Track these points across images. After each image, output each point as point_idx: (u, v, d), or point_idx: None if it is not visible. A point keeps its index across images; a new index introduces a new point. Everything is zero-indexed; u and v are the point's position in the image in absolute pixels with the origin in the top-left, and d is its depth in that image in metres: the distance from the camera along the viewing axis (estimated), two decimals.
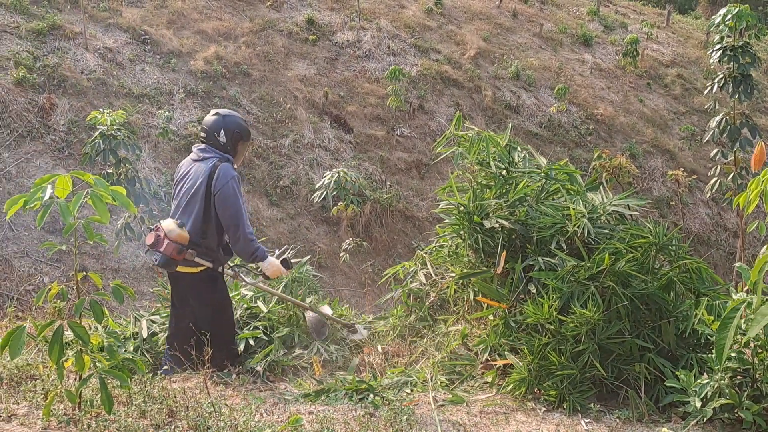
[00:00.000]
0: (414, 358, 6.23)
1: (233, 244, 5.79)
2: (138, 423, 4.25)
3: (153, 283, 11.20)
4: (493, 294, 5.87)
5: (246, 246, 5.73)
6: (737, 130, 11.80)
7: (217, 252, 5.79)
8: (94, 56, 15.49)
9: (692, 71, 23.17)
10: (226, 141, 5.84)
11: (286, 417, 4.68)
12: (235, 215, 5.65)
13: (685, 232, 16.70)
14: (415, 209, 15.83)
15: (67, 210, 3.84)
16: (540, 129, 18.93)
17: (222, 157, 5.79)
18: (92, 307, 4.17)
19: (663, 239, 5.63)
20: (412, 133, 17.47)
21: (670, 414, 5.03)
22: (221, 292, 5.93)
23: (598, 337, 5.20)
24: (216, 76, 16.47)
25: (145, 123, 14.61)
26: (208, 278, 5.79)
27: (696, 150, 19.90)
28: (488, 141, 6.52)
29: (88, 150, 9.51)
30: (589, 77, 21.49)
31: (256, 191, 14.73)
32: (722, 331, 2.54)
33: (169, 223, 5.63)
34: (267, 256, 5.88)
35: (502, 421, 4.85)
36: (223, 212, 5.64)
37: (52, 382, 4.74)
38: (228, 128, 5.85)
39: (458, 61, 19.93)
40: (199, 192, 5.68)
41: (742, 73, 11.78)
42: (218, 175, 5.65)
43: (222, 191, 5.62)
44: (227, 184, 5.63)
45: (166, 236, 5.54)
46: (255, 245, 5.77)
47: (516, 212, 6.12)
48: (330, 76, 18.10)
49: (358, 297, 13.07)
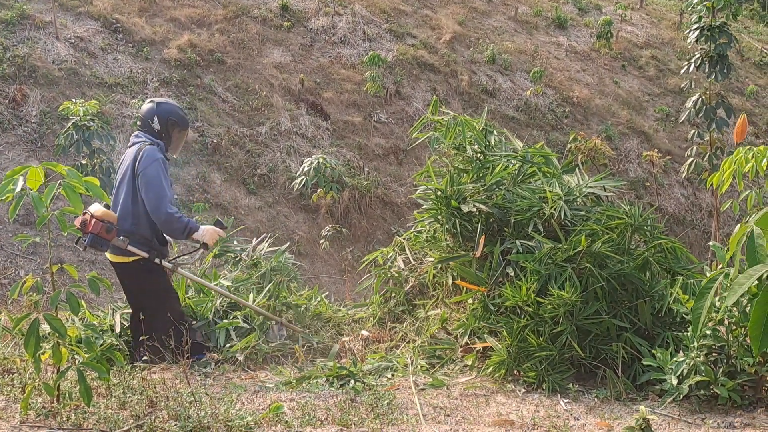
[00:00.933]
0: (394, 344, 6.25)
1: (160, 226, 5.72)
2: (118, 414, 4.24)
3: None
4: (471, 278, 5.90)
5: (172, 223, 5.66)
6: (713, 110, 11.87)
7: (151, 241, 5.74)
8: (65, 46, 15.33)
9: (666, 52, 23.27)
10: (160, 128, 5.85)
11: (267, 405, 4.68)
12: (156, 196, 5.59)
13: (660, 212, 16.82)
14: (394, 195, 15.83)
15: (40, 202, 3.81)
16: (516, 113, 18.96)
17: (152, 141, 5.78)
18: (68, 300, 4.14)
19: (639, 220, 5.68)
20: (389, 118, 17.45)
21: (647, 392, 5.08)
22: (159, 283, 5.83)
23: (575, 318, 5.24)
24: (190, 64, 16.35)
25: (119, 113, 14.49)
26: (142, 269, 5.73)
27: (671, 131, 20.01)
28: (465, 125, 6.52)
29: (61, 141, 9.41)
30: (565, 60, 21.54)
31: (233, 180, 14.67)
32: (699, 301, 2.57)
33: (95, 205, 5.58)
34: (199, 227, 5.82)
35: (482, 403, 4.88)
36: (146, 193, 5.60)
37: (29, 375, 4.72)
38: (161, 116, 5.87)
39: (434, 46, 19.91)
40: (126, 175, 5.70)
41: (718, 53, 11.84)
42: (142, 157, 5.65)
43: (144, 172, 5.60)
44: (150, 165, 5.61)
45: (92, 216, 5.47)
46: (183, 220, 5.70)
47: (493, 196, 6.14)
48: (305, 62, 18.02)
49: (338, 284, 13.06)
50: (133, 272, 5.76)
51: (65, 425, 4.12)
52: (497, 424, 4.42)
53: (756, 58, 24.11)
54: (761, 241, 2.32)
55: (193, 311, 6.42)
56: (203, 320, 6.34)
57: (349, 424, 4.31)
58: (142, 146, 5.72)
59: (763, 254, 2.29)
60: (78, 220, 5.49)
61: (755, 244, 2.32)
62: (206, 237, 5.87)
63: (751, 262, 2.30)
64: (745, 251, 2.34)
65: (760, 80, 23.05)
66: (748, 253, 2.33)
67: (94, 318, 6.33)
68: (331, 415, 4.47)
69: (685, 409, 4.68)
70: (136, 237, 5.66)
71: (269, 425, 4.24)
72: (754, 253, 2.30)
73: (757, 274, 2.26)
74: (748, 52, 24.23)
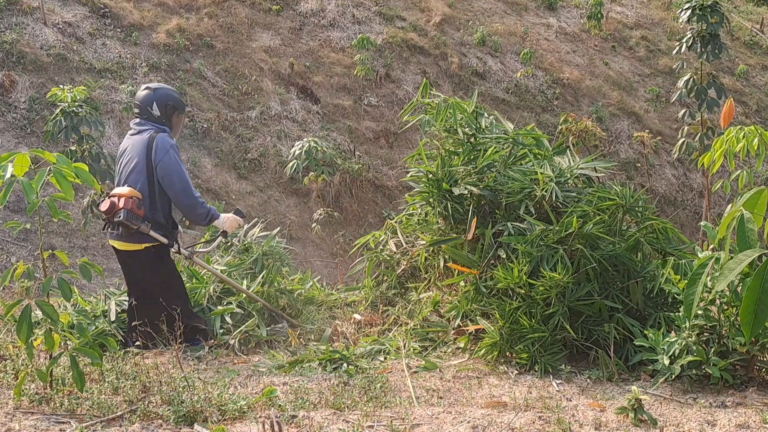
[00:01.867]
0: (386, 327, 6.26)
1: (184, 211, 5.79)
2: (111, 400, 4.24)
3: None
4: (463, 260, 5.90)
5: (197, 208, 5.74)
6: (704, 90, 11.87)
7: (167, 227, 5.75)
8: (53, 31, 15.22)
9: (656, 33, 23.24)
10: (160, 114, 5.83)
11: (260, 389, 4.68)
12: (180, 184, 5.64)
13: (651, 193, 16.85)
14: (385, 178, 15.81)
15: (30, 188, 3.79)
16: (507, 95, 18.93)
17: (158, 128, 5.77)
18: (60, 286, 4.13)
19: (630, 201, 5.68)
20: (380, 102, 17.41)
21: (639, 372, 5.10)
22: (168, 270, 5.86)
23: (567, 300, 5.25)
24: (179, 48, 16.26)
25: (109, 98, 14.42)
26: (154, 256, 5.72)
27: (661, 111, 20.02)
28: (455, 108, 6.51)
29: (49, 128, 9.36)
30: (555, 41, 21.50)
31: (224, 164, 14.63)
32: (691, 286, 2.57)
33: (118, 188, 5.61)
34: (220, 215, 5.91)
35: (475, 385, 4.89)
36: (169, 183, 5.62)
37: (22, 361, 4.71)
38: (160, 101, 5.84)
39: (424, 28, 19.84)
40: (139, 165, 5.67)
41: (710, 32, 11.82)
42: (156, 146, 5.64)
43: (163, 161, 5.61)
44: (167, 154, 5.62)
45: (119, 195, 5.48)
46: (206, 206, 5.80)
47: (484, 178, 6.14)
48: (295, 46, 17.95)
49: (330, 268, 13.07)
50: (144, 259, 5.74)
51: (58, 411, 4.12)
52: (490, 405, 4.43)
53: (746, 38, 24.11)
54: (751, 225, 2.31)
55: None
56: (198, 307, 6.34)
57: (343, 407, 4.32)
58: (153, 134, 5.71)
59: (753, 238, 2.29)
60: (104, 203, 5.49)
61: (745, 228, 2.31)
62: (226, 225, 5.95)
63: (742, 246, 2.30)
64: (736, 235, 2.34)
65: (750, 60, 23.05)
66: (738, 238, 2.33)
67: (86, 304, 6.31)
68: (325, 399, 4.48)
69: (677, 389, 4.70)
70: (154, 223, 5.66)
71: (262, 409, 4.25)
72: (744, 238, 2.30)
73: (748, 259, 2.26)
74: (738, 32, 24.23)
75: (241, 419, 4.05)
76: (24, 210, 11.70)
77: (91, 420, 3.98)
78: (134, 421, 3.95)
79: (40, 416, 4.01)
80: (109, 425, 3.94)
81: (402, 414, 4.20)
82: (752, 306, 2.22)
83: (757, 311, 2.22)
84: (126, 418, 4.02)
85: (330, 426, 3.94)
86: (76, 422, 3.93)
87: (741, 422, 4.05)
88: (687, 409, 4.32)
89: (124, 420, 4.01)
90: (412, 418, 4.15)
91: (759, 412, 4.22)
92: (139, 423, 3.93)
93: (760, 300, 2.21)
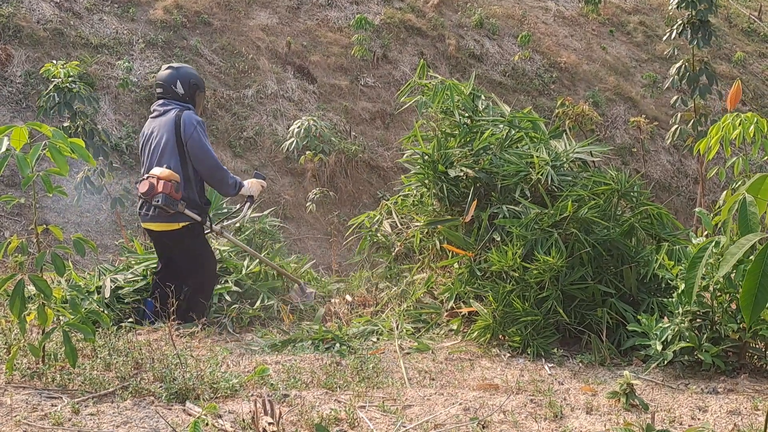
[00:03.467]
0: (380, 307, 6.26)
1: (215, 185, 5.90)
2: (103, 376, 4.25)
3: (116, 236, 11.10)
4: (459, 242, 5.90)
5: (227, 180, 5.86)
6: (696, 77, 11.85)
7: (201, 204, 5.83)
8: (50, 5, 15.11)
9: (654, 18, 23.17)
10: (184, 92, 5.90)
11: (252, 367, 4.69)
12: (210, 159, 5.75)
13: (646, 178, 16.85)
14: (380, 159, 15.78)
15: (25, 162, 3.78)
16: (504, 77, 18.88)
17: (183, 106, 5.79)
18: (53, 261, 4.12)
19: (625, 186, 5.69)
20: (376, 82, 17.34)
21: (631, 357, 5.12)
22: (203, 246, 5.96)
23: (561, 284, 5.26)
24: (176, 25, 16.16)
25: (105, 74, 14.33)
26: (190, 233, 5.78)
27: (658, 97, 19.98)
28: (452, 90, 6.49)
29: (42, 103, 9.29)
30: (553, 25, 21.42)
31: (219, 142, 14.58)
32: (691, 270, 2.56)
33: (156, 169, 5.63)
34: (244, 183, 6.07)
35: (467, 367, 4.90)
36: (200, 159, 5.71)
37: (14, 336, 4.70)
38: (183, 79, 5.91)
39: (422, 10, 19.74)
40: (169, 144, 5.70)
41: (700, 19, 11.80)
42: (184, 124, 5.70)
43: (192, 138, 5.67)
44: (195, 130, 5.69)
45: (158, 178, 5.52)
46: (234, 177, 5.94)
47: (480, 161, 6.13)
48: (292, 25, 17.85)
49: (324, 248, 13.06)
50: (181, 238, 5.80)
51: (50, 386, 4.12)
52: (482, 388, 4.45)
53: (744, 25, 24.06)
54: (753, 209, 2.30)
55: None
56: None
57: (335, 387, 4.33)
58: (179, 113, 5.75)
59: (755, 222, 2.28)
60: (143, 184, 5.53)
61: (747, 212, 2.30)
62: (252, 190, 6.15)
63: (744, 230, 2.28)
64: (737, 219, 2.33)
65: (747, 47, 23.01)
66: (740, 222, 2.31)
67: (79, 279, 6.31)
68: (317, 378, 4.49)
69: (669, 375, 4.72)
70: (187, 202, 5.71)
71: (254, 387, 4.25)
72: (746, 222, 2.28)
73: (749, 243, 2.25)
74: (736, 19, 24.17)
75: (233, 397, 4.05)
76: (18, 184, 11.65)
77: (83, 395, 3.98)
78: (126, 398, 3.95)
79: (31, 391, 4.01)
80: (100, 401, 3.94)
81: (394, 395, 4.21)
82: (753, 290, 2.22)
83: (757, 295, 2.21)
84: (118, 395, 4.02)
85: (322, 405, 3.95)
86: (67, 397, 3.93)
87: (732, 408, 4.07)
88: (678, 395, 4.34)
89: (116, 396, 4.01)
90: (404, 399, 4.16)
91: (750, 398, 4.24)
92: (130, 399, 3.93)
93: (760, 284, 2.20)
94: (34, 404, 3.81)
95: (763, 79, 21.85)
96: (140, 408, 3.82)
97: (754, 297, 2.23)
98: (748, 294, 2.24)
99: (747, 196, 2.32)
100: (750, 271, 2.23)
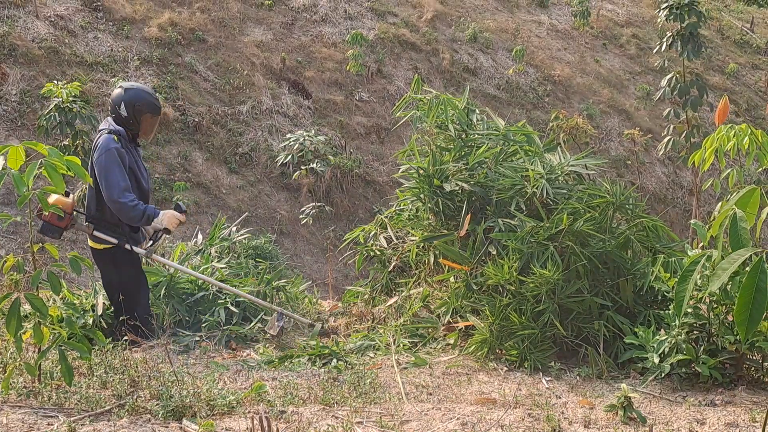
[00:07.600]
0: (376, 322, 6.25)
1: (117, 214, 5.60)
2: (99, 394, 4.23)
3: None
4: (454, 256, 5.90)
5: (127, 212, 5.54)
6: (687, 89, 11.91)
7: (119, 227, 5.67)
8: (45, 24, 15.15)
9: (647, 30, 23.28)
10: (128, 115, 5.71)
11: (249, 383, 4.68)
12: (107, 185, 5.50)
13: (641, 190, 16.89)
14: (376, 174, 15.81)
15: (21, 181, 3.77)
16: (498, 91, 18.95)
17: (113, 129, 5.66)
18: (49, 279, 4.11)
19: (620, 198, 5.69)
20: (371, 97, 17.39)
21: (628, 370, 5.12)
22: (125, 275, 5.76)
23: (557, 297, 5.26)
24: (171, 42, 16.21)
25: (100, 92, 14.36)
26: (110, 258, 5.69)
27: (651, 109, 20.06)
28: (447, 104, 6.51)
29: (43, 123, 9.30)
30: (546, 38, 21.52)
31: (215, 159, 14.60)
32: (682, 284, 2.56)
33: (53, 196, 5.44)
34: (158, 212, 5.70)
35: (464, 381, 4.90)
36: (102, 185, 5.52)
37: (10, 355, 4.69)
38: (128, 102, 5.72)
39: (415, 24, 19.82)
40: (89, 164, 5.69)
41: (689, 31, 11.87)
42: (97, 146, 5.62)
43: (98, 163, 5.54)
44: (102, 155, 5.53)
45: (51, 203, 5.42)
46: (138, 208, 5.56)
47: (475, 174, 6.14)
48: (287, 41, 17.91)
49: (320, 263, 13.06)
50: (104, 259, 5.74)
51: (46, 405, 4.10)
52: (479, 402, 4.44)
53: (736, 37, 24.18)
54: (744, 224, 2.31)
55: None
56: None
57: (332, 403, 4.32)
58: (102, 134, 5.65)
59: (746, 237, 2.29)
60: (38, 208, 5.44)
61: (738, 227, 2.30)
62: (165, 222, 5.74)
63: (735, 245, 2.29)
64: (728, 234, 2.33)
65: (740, 59, 23.12)
66: (731, 237, 2.32)
67: (75, 298, 6.28)
68: (314, 394, 4.48)
69: (667, 387, 4.71)
70: (102, 223, 5.62)
71: (251, 404, 4.24)
72: (737, 237, 2.29)
73: (741, 258, 2.25)
74: (729, 30, 24.30)
75: (229, 414, 4.04)
76: (13, 202, 11.65)
77: (80, 414, 3.96)
78: (122, 416, 3.94)
79: (28, 410, 3.99)
80: (97, 419, 3.93)
81: (391, 410, 4.20)
82: (747, 306, 2.22)
83: (752, 311, 2.22)
84: (114, 413, 4.01)
85: (319, 422, 3.94)
86: (64, 416, 3.92)
87: (730, 421, 4.06)
88: (676, 408, 4.33)
89: (112, 414, 3.99)
90: (402, 414, 4.15)
91: (748, 410, 4.23)
92: (127, 417, 3.92)
93: (754, 299, 2.21)
94: (31, 423, 3.80)
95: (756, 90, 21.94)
96: (137, 426, 3.81)
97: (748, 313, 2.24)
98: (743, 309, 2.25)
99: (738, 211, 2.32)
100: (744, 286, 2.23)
